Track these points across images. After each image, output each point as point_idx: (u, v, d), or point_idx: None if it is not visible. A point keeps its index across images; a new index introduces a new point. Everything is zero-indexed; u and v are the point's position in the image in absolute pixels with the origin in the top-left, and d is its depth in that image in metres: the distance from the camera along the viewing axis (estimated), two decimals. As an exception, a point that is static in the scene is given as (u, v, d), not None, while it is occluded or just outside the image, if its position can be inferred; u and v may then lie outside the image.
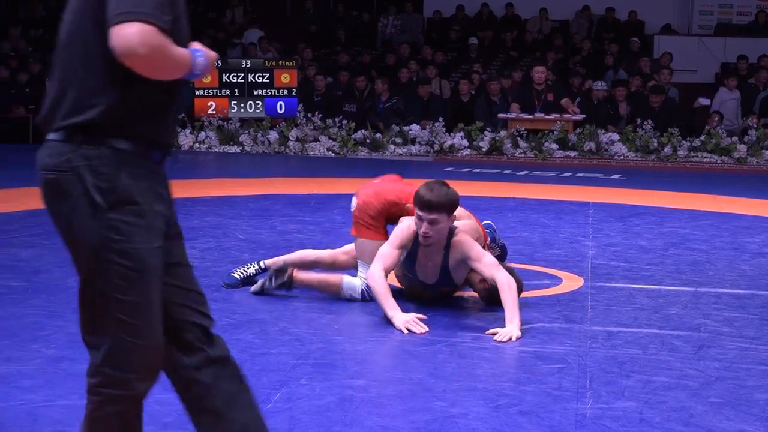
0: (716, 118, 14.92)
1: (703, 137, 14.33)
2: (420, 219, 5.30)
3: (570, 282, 6.36)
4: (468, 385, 4.32)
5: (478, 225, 5.88)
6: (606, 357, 4.78)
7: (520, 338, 5.03)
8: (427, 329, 5.11)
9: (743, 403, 4.16)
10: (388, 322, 5.24)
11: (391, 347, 4.85)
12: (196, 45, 2.80)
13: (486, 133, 14.45)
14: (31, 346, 4.70)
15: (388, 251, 5.44)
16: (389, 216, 5.78)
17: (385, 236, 5.70)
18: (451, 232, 5.44)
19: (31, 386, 4.12)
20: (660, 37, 19.37)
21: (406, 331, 5.07)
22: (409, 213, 5.61)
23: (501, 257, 6.56)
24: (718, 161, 14.03)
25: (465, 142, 14.39)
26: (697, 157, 14.15)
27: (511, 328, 5.08)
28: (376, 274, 5.34)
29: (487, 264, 5.36)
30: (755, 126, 14.48)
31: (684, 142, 14.25)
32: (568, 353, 4.80)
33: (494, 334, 5.08)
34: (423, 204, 5.27)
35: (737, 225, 8.66)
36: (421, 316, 5.22)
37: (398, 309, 5.22)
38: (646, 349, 4.92)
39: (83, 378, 4.15)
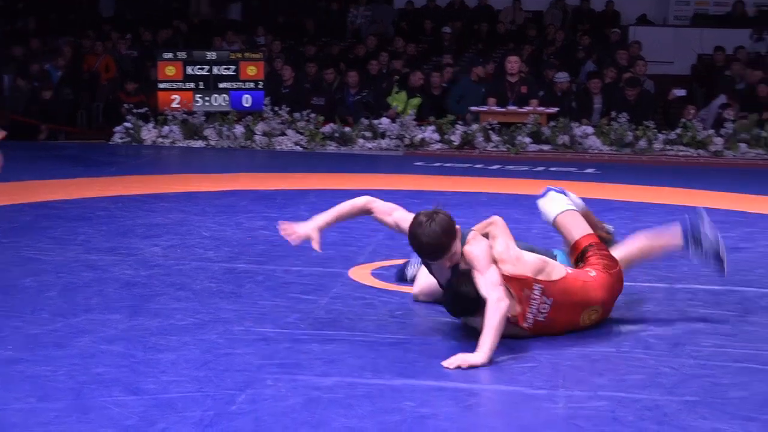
0: (692, 111, 14.87)
1: (679, 130, 14.29)
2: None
3: (542, 278, 6.24)
4: (438, 385, 4.23)
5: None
6: (578, 355, 4.71)
7: (475, 366, 4.44)
8: (294, 241, 5.14)
9: (718, 401, 4.10)
10: (355, 317, 5.22)
11: (359, 347, 4.75)
12: None
13: (457, 126, 14.37)
14: (-13, 347, 4.58)
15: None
16: None
17: None
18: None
19: (-14, 389, 4.01)
20: (635, 28, 19.40)
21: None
22: None
23: None
24: (694, 154, 13.99)
25: (436, 136, 14.30)
26: (673, 150, 14.11)
27: (473, 356, 4.49)
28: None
29: (485, 280, 4.74)
30: (732, 118, 14.43)
31: (659, 135, 14.22)
32: (539, 352, 4.71)
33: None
34: (421, 252, 4.84)
35: (713, 219, 8.47)
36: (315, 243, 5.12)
37: (317, 221, 5.17)
38: (619, 347, 4.85)
39: (40, 380, 4.09)
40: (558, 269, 5.00)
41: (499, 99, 14.80)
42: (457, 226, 4.89)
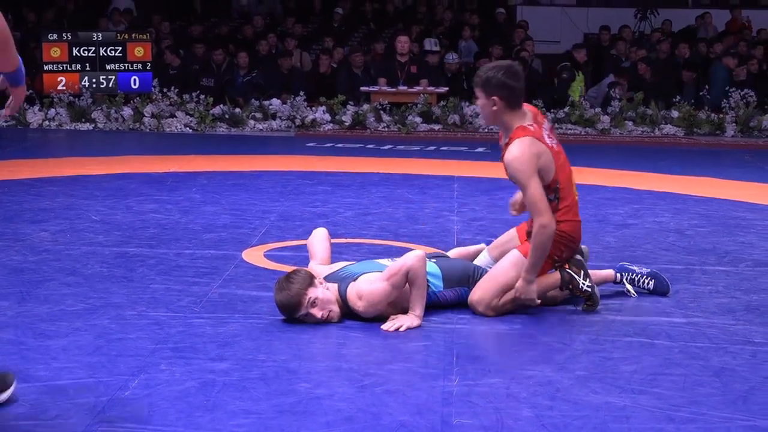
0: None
1: (567, 109, 14.47)
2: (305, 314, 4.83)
3: (435, 257, 6.28)
4: (333, 365, 4.25)
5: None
6: (472, 333, 4.76)
7: (412, 328, 4.74)
8: None
9: (609, 376, 4.17)
10: (249, 300, 5.17)
11: (253, 329, 4.73)
12: None
13: (348, 106, 14.37)
14: None
15: None
16: None
17: None
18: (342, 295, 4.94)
19: None
20: (522, 8, 19.59)
21: None
22: None
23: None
24: (582, 132, 14.19)
25: (327, 117, 14.28)
26: (561, 128, 14.28)
27: (408, 319, 4.79)
28: None
29: (369, 294, 4.83)
30: (618, 97, 14.66)
31: (548, 113, 14.38)
32: (433, 330, 4.75)
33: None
34: (284, 309, 4.83)
35: (601, 197, 8.74)
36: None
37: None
38: (512, 324, 4.90)
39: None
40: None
41: (389, 80, 14.84)
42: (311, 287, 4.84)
